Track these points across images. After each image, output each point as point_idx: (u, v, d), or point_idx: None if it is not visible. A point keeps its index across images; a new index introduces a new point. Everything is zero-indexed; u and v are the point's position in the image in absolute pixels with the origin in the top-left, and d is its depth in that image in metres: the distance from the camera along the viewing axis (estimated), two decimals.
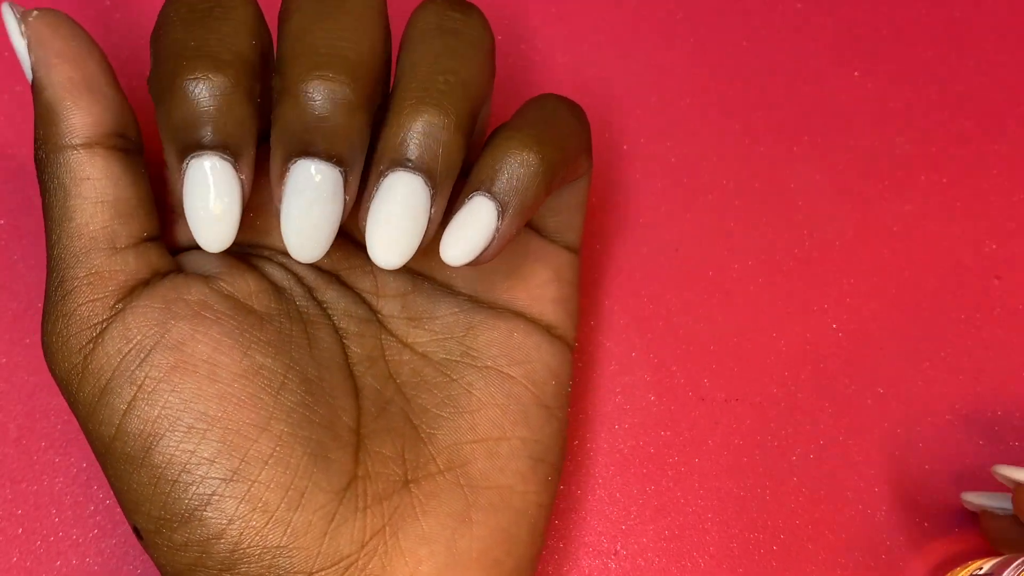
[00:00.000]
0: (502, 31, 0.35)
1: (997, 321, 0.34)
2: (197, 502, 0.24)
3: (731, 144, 0.35)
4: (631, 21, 0.36)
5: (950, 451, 0.33)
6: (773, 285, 0.34)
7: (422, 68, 0.24)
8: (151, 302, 0.25)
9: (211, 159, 0.23)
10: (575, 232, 0.30)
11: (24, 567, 0.30)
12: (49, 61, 0.25)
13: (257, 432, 0.25)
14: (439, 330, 0.29)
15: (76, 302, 0.25)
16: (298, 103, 0.23)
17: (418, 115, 0.24)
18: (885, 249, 0.34)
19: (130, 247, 0.25)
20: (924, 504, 0.32)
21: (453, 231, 0.25)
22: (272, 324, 0.26)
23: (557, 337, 0.29)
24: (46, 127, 0.25)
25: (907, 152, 0.35)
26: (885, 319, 0.34)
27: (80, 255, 0.25)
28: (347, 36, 0.24)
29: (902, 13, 0.36)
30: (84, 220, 0.25)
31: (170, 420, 0.24)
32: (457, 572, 0.26)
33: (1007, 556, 0.29)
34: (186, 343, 0.25)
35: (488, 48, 0.25)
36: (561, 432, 0.29)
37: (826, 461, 0.32)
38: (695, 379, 0.33)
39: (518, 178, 0.25)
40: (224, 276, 0.27)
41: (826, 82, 0.36)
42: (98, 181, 0.25)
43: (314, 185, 0.24)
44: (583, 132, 0.28)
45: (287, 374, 0.26)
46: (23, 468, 0.30)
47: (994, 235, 0.35)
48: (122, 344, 0.25)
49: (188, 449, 0.24)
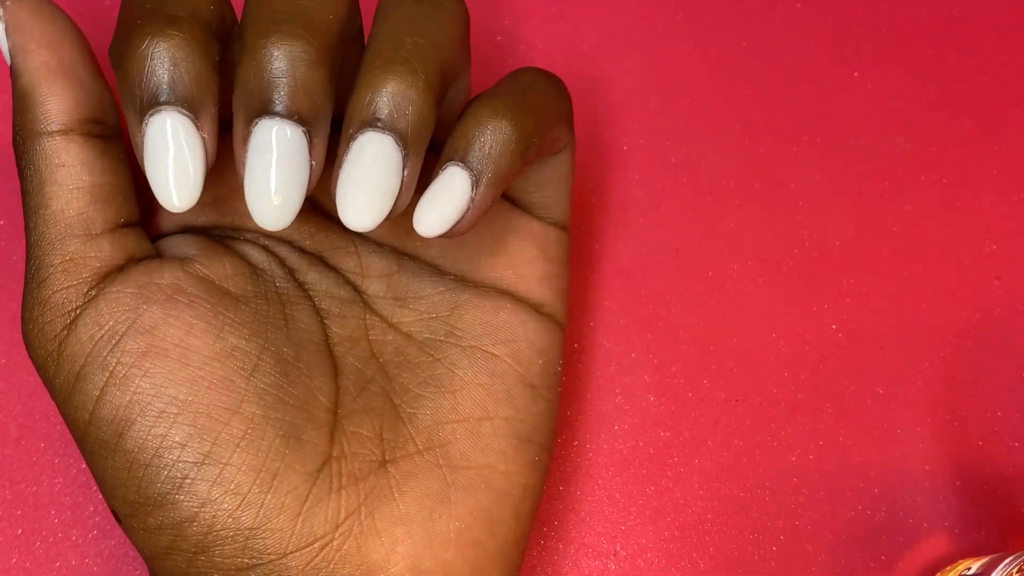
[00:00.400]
0: (502, 31, 0.35)
1: (997, 321, 0.34)
2: (169, 486, 0.24)
3: (731, 144, 0.35)
4: (631, 21, 0.36)
5: (950, 451, 0.33)
6: (773, 285, 0.34)
7: (393, 30, 0.24)
8: (124, 287, 0.25)
9: (169, 114, 0.23)
10: (561, 208, 0.30)
11: (24, 568, 0.30)
12: (26, 47, 0.25)
13: (228, 415, 0.25)
14: (424, 310, 0.28)
15: (51, 289, 0.25)
16: (255, 60, 0.23)
17: (387, 74, 0.23)
18: (885, 249, 0.34)
19: (105, 233, 0.25)
20: (924, 504, 0.32)
21: (426, 202, 0.25)
22: (248, 306, 0.26)
23: (546, 315, 0.29)
24: (22, 113, 0.25)
25: (907, 152, 0.35)
26: (885, 319, 0.34)
27: (55, 242, 0.25)
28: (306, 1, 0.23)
29: (902, 13, 0.36)
30: (59, 207, 0.25)
31: (141, 405, 0.24)
32: (435, 552, 0.25)
33: (997, 555, 0.29)
34: (158, 327, 0.25)
35: (463, 20, 0.25)
36: (549, 412, 0.28)
37: (826, 461, 0.32)
38: (695, 379, 0.33)
39: (491, 146, 0.25)
40: (200, 259, 0.26)
41: (826, 82, 0.36)
42: (73, 168, 0.25)
43: (276, 145, 0.23)
44: (561, 103, 0.27)
45: (261, 355, 0.26)
46: (23, 468, 0.30)
47: (994, 235, 0.35)
48: (94, 330, 0.25)
49: (159, 433, 0.24)
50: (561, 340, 0.29)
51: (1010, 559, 0.28)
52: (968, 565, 0.29)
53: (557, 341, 0.29)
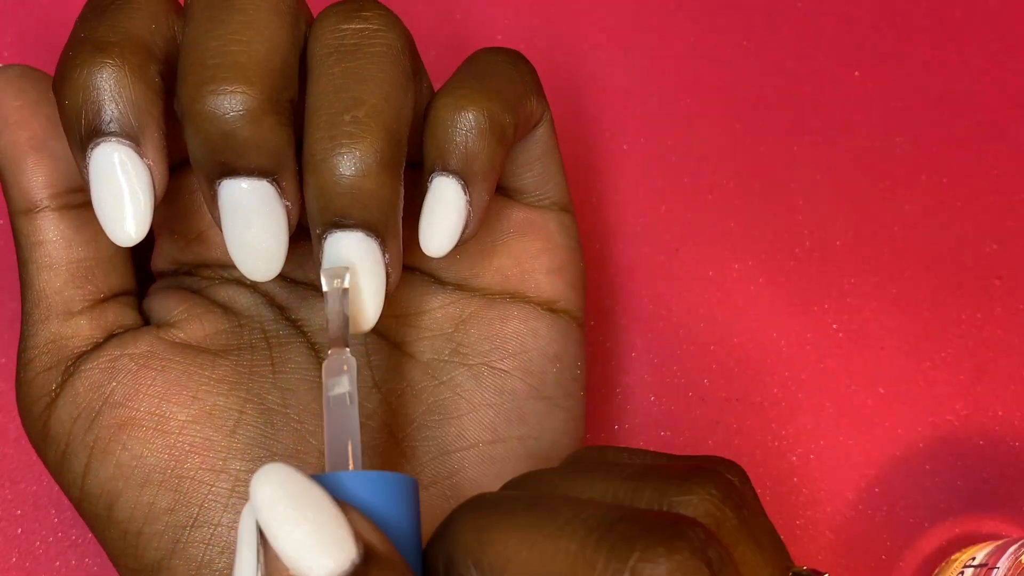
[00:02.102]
0: (502, 30, 0.35)
1: (997, 321, 0.34)
2: (164, 552, 0.24)
3: (731, 144, 0.35)
4: (631, 20, 0.36)
5: (950, 451, 0.33)
6: (773, 285, 0.34)
7: (325, 107, 0.23)
8: (97, 364, 0.25)
9: (108, 144, 0.22)
10: (556, 186, 0.28)
11: (23, 568, 0.30)
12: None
13: (214, 476, 0.24)
14: (428, 326, 0.27)
15: (34, 371, 0.25)
16: (196, 125, 0.22)
17: (333, 167, 0.22)
18: (885, 249, 0.34)
19: (85, 311, 0.25)
20: (924, 505, 0.32)
21: (426, 222, 0.24)
22: (228, 360, 0.26)
23: (560, 312, 0.27)
24: (3, 194, 0.25)
25: (907, 152, 0.35)
26: (885, 319, 0.34)
27: (38, 323, 0.25)
28: (238, 40, 0.22)
29: (902, 13, 0.36)
30: (40, 286, 0.25)
31: (125, 477, 0.24)
32: None
33: (1003, 542, 0.29)
34: (131, 399, 0.25)
35: (397, 51, 0.23)
36: (569, 421, 0.27)
37: (826, 461, 0.32)
38: (695, 379, 0.33)
39: (466, 143, 0.24)
40: (179, 322, 0.26)
41: (826, 82, 0.36)
42: (50, 244, 0.25)
43: (244, 203, 0.23)
44: (524, 75, 0.26)
45: (244, 408, 0.25)
46: (23, 468, 0.30)
47: (994, 235, 0.35)
48: (72, 410, 0.25)
49: (146, 502, 0.24)
50: (580, 337, 0.28)
51: (1017, 545, 0.28)
52: (973, 554, 0.29)
53: (574, 341, 0.28)
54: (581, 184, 0.34)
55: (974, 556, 0.29)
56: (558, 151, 0.28)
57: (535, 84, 0.26)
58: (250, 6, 0.23)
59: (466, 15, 0.35)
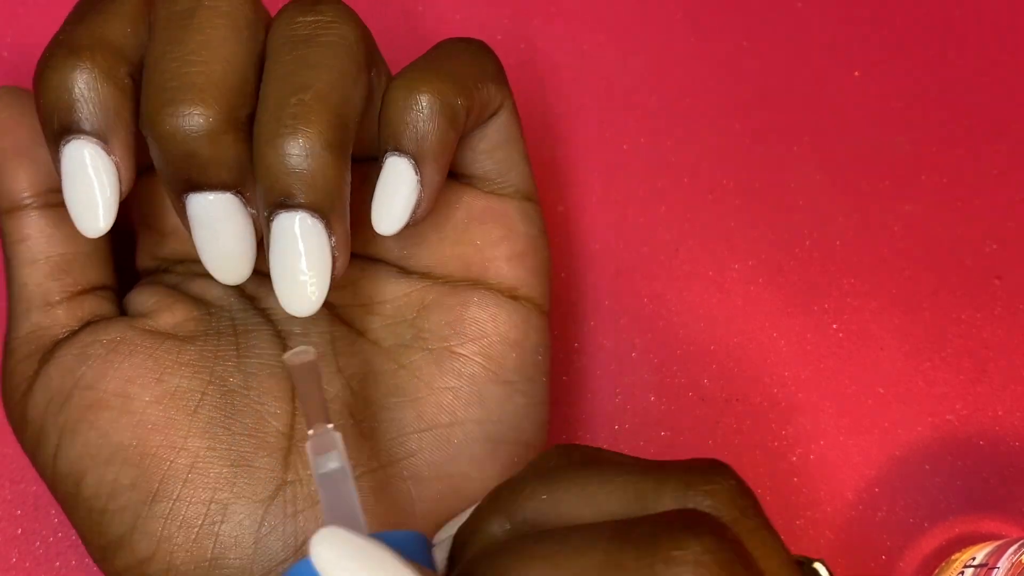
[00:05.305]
0: (502, 30, 0.35)
1: (997, 321, 0.34)
2: (126, 527, 0.25)
3: (731, 144, 0.35)
4: (631, 21, 0.36)
5: (950, 452, 0.33)
6: (773, 285, 0.34)
7: (274, 92, 0.23)
8: (69, 350, 0.26)
9: (78, 141, 0.23)
10: (519, 174, 0.28)
11: (23, 567, 0.30)
12: None
13: (173, 452, 0.25)
14: (390, 314, 0.28)
15: (14, 360, 0.26)
16: (159, 144, 0.23)
17: (278, 147, 0.23)
18: (885, 249, 0.34)
19: (63, 301, 0.26)
20: (924, 505, 0.32)
21: (378, 201, 0.25)
22: (194, 345, 0.26)
23: (522, 299, 0.28)
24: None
25: (907, 152, 0.35)
26: (885, 319, 0.34)
27: (21, 316, 0.26)
28: (195, 61, 0.23)
29: (903, 13, 0.36)
30: (23, 281, 0.26)
31: (91, 456, 0.25)
32: None
33: (1003, 542, 0.29)
34: (99, 382, 0.25)
35: (350, 41, 0.24)
36: (530, 407, 0.27)
37: (826, 461, 0.32)
38: (695, 379, 0.33)
39: (416, 123, 0.24)
40: (152, 312, 0.27)
41: (826, 82, 0.36)
42: (32, 240, 0.26)
43: (211, 215, 0.24)
44: (483, 62, 0.26)
45: (205, 390, 0.26)
46: (23, 468, 0.30)
47: (994, 235, 0.35)
48: (46, 393, 0.26)
49: (110, 479, 0.25)
50: (542, 325, 0.28)
51: (1017, 545, 0.28)
52: (973, 555, 0.29)
53: (535, 328, 0.28)
54: (581, 184, 0.34)
55: (974, 556, 0.29)
56: (521, 139, 0.28)
57: (495, 72, 0.27)
58: (207, 25, 0.23)
59: (466, 15, 0.35)
